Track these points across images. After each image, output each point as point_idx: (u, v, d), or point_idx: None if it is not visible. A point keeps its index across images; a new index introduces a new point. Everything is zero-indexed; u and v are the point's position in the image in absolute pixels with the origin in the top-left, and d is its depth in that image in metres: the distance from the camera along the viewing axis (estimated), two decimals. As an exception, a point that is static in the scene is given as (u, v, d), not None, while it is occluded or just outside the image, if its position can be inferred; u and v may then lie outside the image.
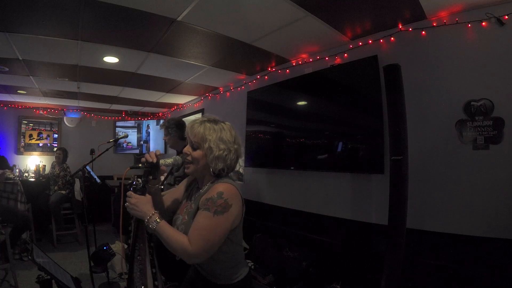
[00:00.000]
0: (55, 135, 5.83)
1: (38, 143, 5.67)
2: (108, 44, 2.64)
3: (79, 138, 5.93)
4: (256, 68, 3.35)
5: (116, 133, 6.20)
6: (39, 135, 5.70)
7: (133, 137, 6.13)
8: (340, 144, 2.49)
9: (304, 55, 2.91)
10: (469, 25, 1.87)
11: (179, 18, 2.14)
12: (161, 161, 1.18)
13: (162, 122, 2.70)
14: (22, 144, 5.50)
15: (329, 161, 2.57)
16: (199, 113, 4.85)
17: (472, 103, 1.83)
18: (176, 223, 1.21)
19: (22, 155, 5.48)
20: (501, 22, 1.74)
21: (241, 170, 3.71)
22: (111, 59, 3.03)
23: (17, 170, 5.09)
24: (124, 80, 3.85)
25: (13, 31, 2.33)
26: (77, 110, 5.98)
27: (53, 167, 4.62)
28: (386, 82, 1.88)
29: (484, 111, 1.79)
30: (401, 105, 1.80)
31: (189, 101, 5.23)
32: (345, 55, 2.55)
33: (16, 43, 2.56)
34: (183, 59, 3.01)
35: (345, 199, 2.50)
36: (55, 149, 5.21)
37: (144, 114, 6.65)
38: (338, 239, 2.49)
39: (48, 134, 5.78)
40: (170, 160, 1.23)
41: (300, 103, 2.92)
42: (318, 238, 2.63)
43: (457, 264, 1.80)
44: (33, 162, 5.46)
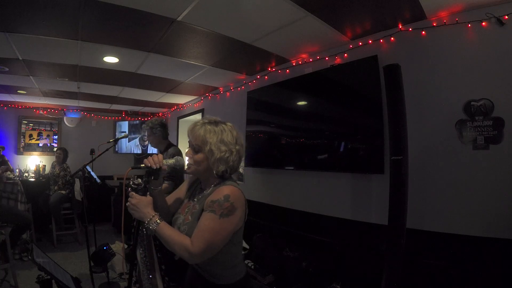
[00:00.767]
0: (55, 135, 5.83)
1: (38, 143, 5.67)
2: (108, 44, 2.64)
3: (79, 138, 5.94)
4: (256, 68, 3.35)
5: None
6: (39, 135, 5.70)
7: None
8: (340, 144, 2.49)
9: (304, 55, 2.91)
10: (469, 25, 1.87)
11: (179, 18, 2.14)
12: (163, 161, 1.18)
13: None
14: (22, 144, 5.51)
15: (329, 161, 2.57)
16: (199, 113, 4.84)
17: (472, 103, 1.83)
18: (176, 222, 1.20)
19: (22, 155, 5.49)
20: (501, 22, 1.74)
21: (241, 170, 3.71)
22: (111, 59, 3.03)
23: (17, 170, 5.09)
24: (124, 80, 3.85)
25: (13, 31, 2.33)
26: (77, 110, 5.98)
27: (53, 167, 4.62)
28: (386, 82, 1.88)
29: (484, 111, 1.79)
30: (401, 105, 1.80)
31: (189, 101, 5.23)
32: (345, 55, 2.55)
33: (16, 43, 2.56)
34: (183, 59, 3.01)
35: (345, 199, 2.50)
36: (55, 149, 5.21)
37: (144, 114, 6.65)
38: (338, 239, 2.49)
39: (48, 134, 5.78)
40: (172, 161, 1.22)
41: (300, 103, 2.92)
42: (318, 238, 2.63)
43: (457, 264, 1.80)
44: (33, 162, 5.46)
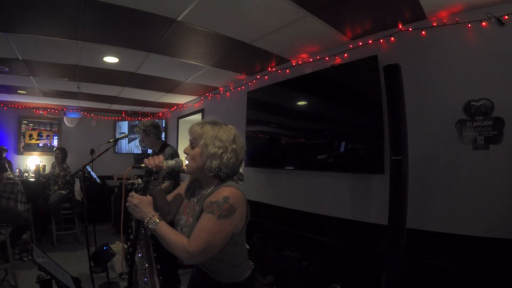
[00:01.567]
0: (55, 135, 5.83)
1: (38, 143, 5.67)
2: (108, 44, 2.64)
3: (79, 138, 5.93)
4: (256, 68, 3.35)
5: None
6: (39, 135, 5.70)
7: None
8: (340, 144, 2.49)
9: (304, 55, 2.91)
10: (469, 25, 1.87)
11: (179, 18, 2.14)
12: (163, 162, 1.18)
13: (138, 126, 2.79)
14: (22, 144, 5.51)
15: (329, 161, 2.57)
16: (199, 113, 4.84)
17: (472, 103, 1.83)
18: (179, 223, 1.20)
19: (22, 155, 5.49)
20: (501, 22, 1.74)
21: (241, 170, 3.71)
22: (111, 59, 3.03)
23: (17, 170, 5.09)
24: (124, 80, 3.85)
25: (13, 31, 2.33)
26: (77, 110, 5.98)
27: (53, 167, 4.62)
28: (386, 82, 1.88)
29: (484, 111, 1.79)
30: (401, 105, 1.80)
31: (189, 101, 5.23)
32: (345, 55, 2.55)
33: (16, 43, 2.56)
34: (183, 59, 3.01)
35: (345, 199, 2.50)
36: (54, 149, 5.21)
37: (144, 114, 6.65)
38: (338, 239, 2.49)
39: (48, 134, 5.78)
40: (172, 162, 1.21)
41: (300, 103, 2.92)
42: (318, 238, 2.63)
43: (457, 264, 1.80)
44: (33, 162, 5.45)
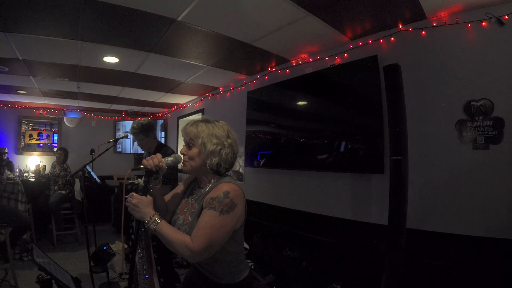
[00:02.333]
0: (55, 135, 5.83)
1: (38, 143, 5.67)
2: (108, 44, 2.64)
3: (79, 138, 5.94)
4: (256, 68, 3.35)
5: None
6: (39, 135, 5.70)
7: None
8: (340, 144, 2.49)
9: (304, 55, 2.91)
10: (469, 25, 1.87)
11: (179, 18, 2.14)
12: (162, 161, 1.18)
13: (133, 127, 2.69)
14: (22, 144, 5.51)
15: (329, 161, 2.57)
16: (199, 113, 4.84)
17: (472, 103, 1.83)
18: (176, 223, 1.20)
19: (22, 155, 5.49)
20: (501, 22, 1.74)
21: (241, 170, 3.71)
22: (111, 59, 3.03)
23: (17, 170, 5.09)
24: (124, 80, 3.85)
25: (13, 31, 2.33)
26: (77, 110, 5.98)
27: (54, 167, 4.62)
28: (386, 82, 1.88)
29: (484, 111, 1.79)
30: (401, 105, 1.80)
31: (189, 101, 5.23)
32: (345, 55, 2.55)
33: (16, 43, 2.56)
34: (183, 59, 3.01)
35: (345, 199, 2.50)
36: (55, 149, 5.21)
37: (144, 114, 6.65)
38: (338, 239, 2.49)
39: (48, 134, 5.78)
40: (170, 159, 1.21)
41: (300, 103, 2.92)
42: (318, 238, 2.63)
43: (457, 264, 1.80)
44: (33, 162, 5.46)
